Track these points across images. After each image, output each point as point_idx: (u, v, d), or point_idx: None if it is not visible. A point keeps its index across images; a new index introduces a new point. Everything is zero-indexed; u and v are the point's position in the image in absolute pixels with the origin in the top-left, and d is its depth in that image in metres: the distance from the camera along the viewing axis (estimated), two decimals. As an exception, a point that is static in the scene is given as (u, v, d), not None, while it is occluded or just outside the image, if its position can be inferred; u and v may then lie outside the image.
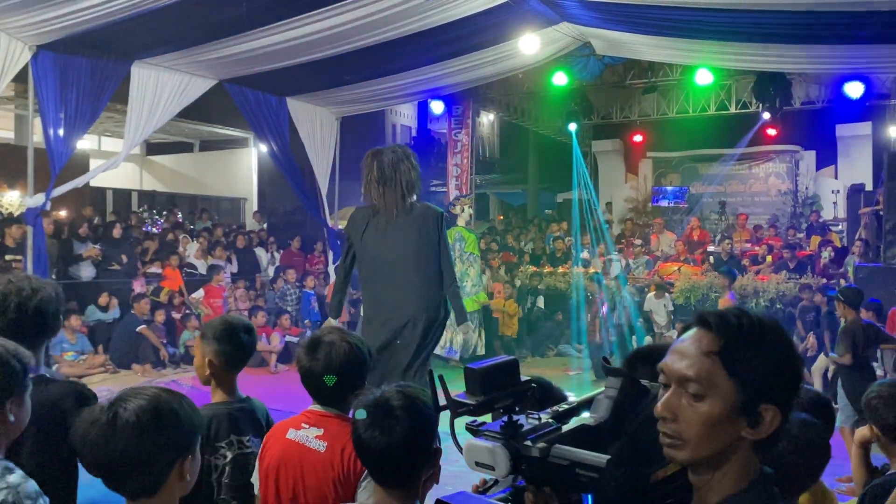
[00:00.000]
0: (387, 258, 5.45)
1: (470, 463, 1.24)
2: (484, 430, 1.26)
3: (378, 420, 1.78)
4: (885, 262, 8.42)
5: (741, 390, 1.18)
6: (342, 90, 10.84)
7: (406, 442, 1.76)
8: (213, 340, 2.59)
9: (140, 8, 6.99)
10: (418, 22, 8.27)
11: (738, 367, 1.18)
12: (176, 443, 1.59)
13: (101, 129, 15.34)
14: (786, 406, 1.21)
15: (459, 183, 14.49)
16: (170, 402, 1.61)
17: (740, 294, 10.38)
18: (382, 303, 5.47)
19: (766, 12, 7.50)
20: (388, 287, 5.45)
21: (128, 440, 1.52)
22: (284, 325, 10.83)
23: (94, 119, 8.43)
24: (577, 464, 1.17)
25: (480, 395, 1.26)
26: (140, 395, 1.59)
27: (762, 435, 1.20)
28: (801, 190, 16.65)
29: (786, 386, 1.21)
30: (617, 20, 8.81)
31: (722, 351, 1.19)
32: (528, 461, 1.21)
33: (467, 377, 1.28)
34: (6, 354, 1.86)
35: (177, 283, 11.01)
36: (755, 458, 1.23)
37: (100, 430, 1.53)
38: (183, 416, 1.62)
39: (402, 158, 5.51)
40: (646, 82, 13.83)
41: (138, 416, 1.54)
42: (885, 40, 8.12)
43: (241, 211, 16.77)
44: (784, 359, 1.21)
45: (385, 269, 5.44)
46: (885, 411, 2.58)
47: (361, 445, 1.82)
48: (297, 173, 11.21)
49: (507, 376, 1.31)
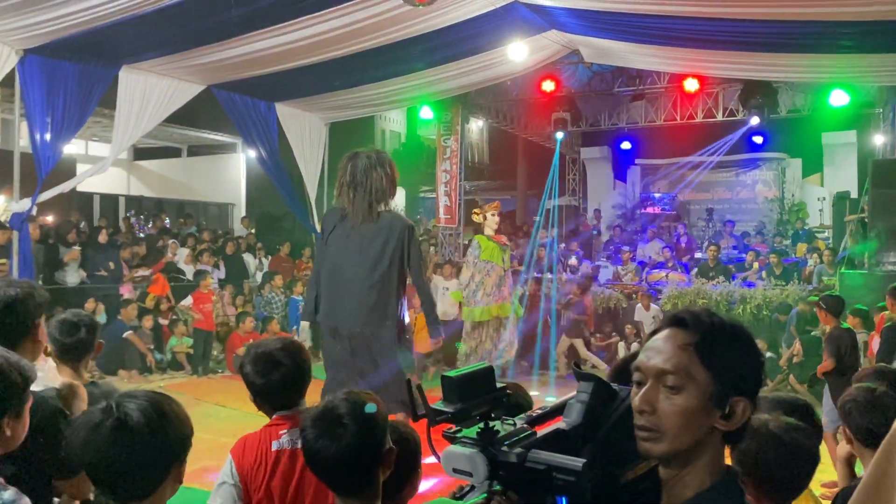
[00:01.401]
0: (346, 265, 5.41)
1: (448, 469, 1.25)
2: (461, 437, 1.27)
3: (326, 429, 1.80)
4: (870, 269, 8.49)
5: (716, 381, 1.24)
6: (331, 96, 10.84)
7: (356, 447, 1.78)
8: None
9: (128, 13, 6.97)
10: (407, 28, 8.29)
11: (713, 360, 1.24)
12: (179, 444, 1.59)
13: (89, 134, 15.26)
14: (754, 399, 1.27)
15: (448, 189, 14.51)
16: (165, 405, 1.60)
17: (727, 301, 10.45)
18: (337, 312, 5.42)
19: (752, 22, 7.56)
20: (344, 296, 5.38)
21: (137, 443, 1.50)
22: (273, 331, 10.78)
23: (81, 124, 8.39)
24: (554, 467, 1.19)
25: (458, 403, 1.27)
26: (137, 398, 1.58)
27: (734, 426, 1.25)
28: (788, 197, 16.78)
29: (754, 380, 1.29)
30: (605, 28, 8.87)
31: (697, 344, 1.25)
32: (505, 466, 1.22)
33: (444, 385, 1.29)
34: (6, 366, 1.80)
35: (164, 289, 10.96)
36: (723, 454, 1.29)
37: (105, 434, 1.51)
38: (182, 417, 1.63)
39: (374, 165, 5.45)
40: (633, 90, 13.90)
41: (147, 418, 1.53)
42: (868, 50, 8.22)
43: (229, 216, 16.71)
44: (751, 354, 1.29)
45: (342, 277, 5.39)
46: (858, 416, 2.60)
47: (313, 457, 1.83)
48: (285, 179, 11.19)
49: (483, 384, 1.32)
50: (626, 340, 11.00)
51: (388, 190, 5.45)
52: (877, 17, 6.98)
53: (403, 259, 5.35)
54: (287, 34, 8.06)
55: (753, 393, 1.27)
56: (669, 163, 17.89)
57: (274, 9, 7.46)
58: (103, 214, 14.83)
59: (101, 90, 8.37)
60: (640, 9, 7.73)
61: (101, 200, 15.44)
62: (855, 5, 6.78)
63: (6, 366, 1.80)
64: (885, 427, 2.59)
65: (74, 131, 8.36)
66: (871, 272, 8.43)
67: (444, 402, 1.28)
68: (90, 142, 16.28)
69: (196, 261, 11.99)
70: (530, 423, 1.33)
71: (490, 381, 1.34)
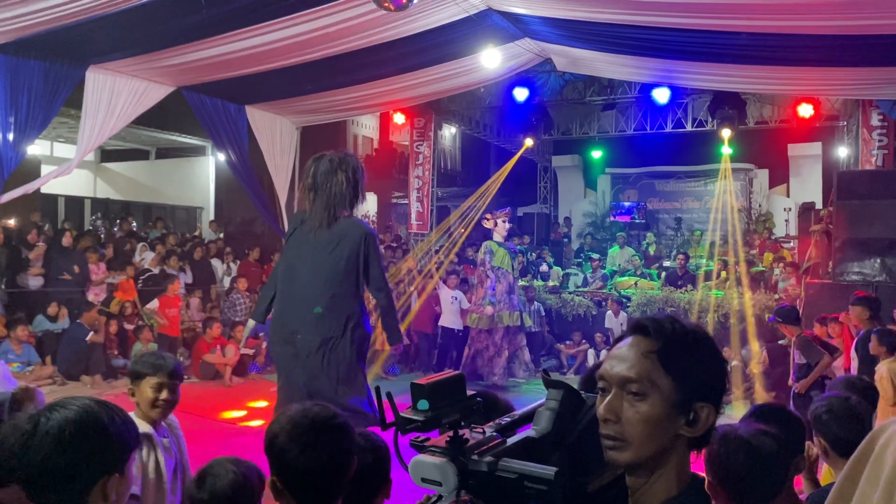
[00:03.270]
0: (299, 270, 5.32)
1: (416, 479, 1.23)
2: (430, 446, 1.25)
3: (304, 441, 1.76)
4: (834, 279, 8.63)
5: (679, 388, 1.23)
6: (303, 100, 10.77)
7: (332, 458, 1.75)
8: None
9: (96, 12, 6.86)
10: (381, 34, 8.27)
11: (675, 366, 1.24)
12: (100, 459, 1.51)
13: (54, 135, 14.99)
14: (718, 404, 1.27)
15: (420, 195, 14.49)
16: (99, 415, 1.52)
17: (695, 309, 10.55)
18: (288, 317, 5.32)
19: (722, 33, 7.67)
20: (296, 302, 5.29)
21: (46, 452, 1.45)
22: (238, 336, 10.63)
23: (45, 124, 8.23)
24: (525, 476, 1.17)
25: (427, 410, 1.25)
26: (70, 406, 1.51)
27: (699, 432, 1.25)
28: (755, 207, 17.01)
29: (718, 385, 1.29)
30: (577, 37, 8.93)
31: (660, 351, 1.24)
32: (475, 475, 1.20)
33: (413, 393, 1.27)
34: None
35: (131, 294, 10.76)
36: (688, 460, 1.28)
37: (18, 438, 1.47)
38: (113, 432, 1.53)
39: (335, 169, 5.34)
40: (605, 99, 14.03)
41: (60, 428, 1.47)
42: (833, 64, 8.38)
43: (198, 220, 16.50)
44: (714, 360, 1.29)
45: (296, 282, 5.30)
46: (835, 425, 2.60)
47: (288, 469, 1.78)
48: (255, 183, 11.08)
49: (453, 391, 1.30)
50: (595, 348, 11.05)
51: (349, 195, 5.32)
52: (842, 31, 7.12)
53: (359, 267, 5.23)
54: (259, 36, 7.99)
55: (717, 398, 1.27)
56: (639, 172, 18.06)
57: (246, 11, 7.39)
58: (68, 217, 14.56)
59: (67, 90, 8.22)
60: (612, 18, 7.80)
61: (66, 203, 15.16)
62: (821, 20, 6.91)
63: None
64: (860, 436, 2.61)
65: (38, 131, 8.20)
66: (834, 281, 8.57)
67: (414, 410, 1.25)
68: (55, 142, 15.98)
69: (162, 264, 11.80)
70: (500, 432, 1.31)
71: (460, 389, 1.31)
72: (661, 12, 7.32)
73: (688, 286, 11.42)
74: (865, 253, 8.14)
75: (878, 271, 8.01)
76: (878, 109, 10.67)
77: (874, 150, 10.97)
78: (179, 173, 16.96)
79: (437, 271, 11.49)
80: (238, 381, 10.23)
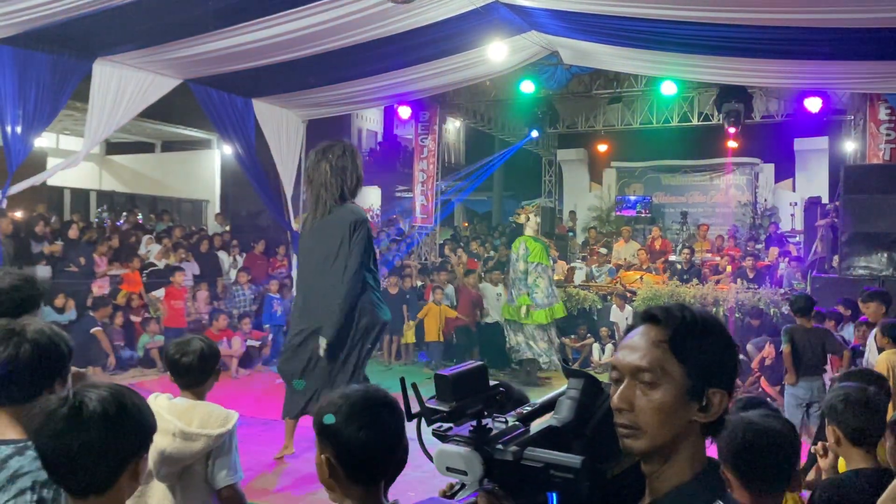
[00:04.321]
0: (305, 263, 5.41)
1: (441, 468, 1.24)
2: (453, 436, 1.26)
3: (369, 419, 1.72)
4: (840, 273, 8.61)
5: (690, 375, 1.25)
6: (309, 93, 10.76)
7: (395, 435, 1.73)
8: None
9: (104, 4, 6.86)
10: (387, 26, 8.26)
11: (687, 354, 1.25)
12: (137, 439, 1.56)
13: (61, 128, 15.00)
14: (730, 390, 1.28)
15: (425, 189, 14.49)
16: (132, 396, 1.59)
17: (700, 303, 10.54)
18: (299, 311, 5.44)
19: (729, 26, 7.64)
20: (303, 295, 5.39)
21: (91, 431, 1.48)
22: (245, 329, 10.68)
23: (53, 116, 8.25)
24: (552, 465, 1.19)
25: (452, 401, 1.26)
26: (101, 388, 1.57)
27: (712, 418, 1.26)
28: (760, 202, 16.98)
29: (729, 371, 1.30)
30: (584, 30, 8.91)
31: (670, 339, 1.26)
32: (501, 465, 1.21)
33: (438, 384, 1.28)
34: (55, 335, 1.98)
35: (137, 286, 10.80)
36: (703, 446, 1.30)
37: (60, 420, 1.49)
38: (145, 412, 1.60)
39: (321, 158, 5.39)
40: (611, 93, 13.99)
41: (105, 407, 1.51)
42: (841, 57, 8.34)
43: (203, 213, 16.53)
44: (726, 346, 1.30)
45: (302, 275, 5.40)
46: (851, 416, 2.60)
47: (343, 447, 1.72)
48: (261, 176, 11.09)
49: (476, 382, 1.31)
50: (600, 342, 11.06)
51: (338, 182, 5.30)
52: (851, 24, 7.10)
53: (349, 250, 5.22)
54: (265, 29, 7.98)
55: (729, 383, 1.28)
56: (645, 166, 18.03)
57: (252, 4, 7.40)
58: (74, 209, 14.59)
59: (74, 82, 8.23)
60: (619, 11, 7.78)
61: (72, 195, 15.19)
62: (829, 12, 6.88)
63: (52, 335, 1.99)
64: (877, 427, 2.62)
65: (46, 124, 8.22)
66: (841, 276, 8.56)
67: (438, 401, 1.26)
68: (62, 135, 16.01)
69: (168, 256, 11.83)
70: (522, 421, 1.32)
71: (484, 380, 1.32)
72: (668, 5, 7.30)
73: (693, 280, 11.42)
74: (872, 247, 8.12)
75: (885, 266, 8.00)
76: (887, 103, 10.63)
77: (882, 145, 10.93)
78: (185, 166, 16.98)
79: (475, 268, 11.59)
80: (244, 373, 10.28)
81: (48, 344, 1.94)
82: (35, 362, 1.90)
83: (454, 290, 11.57)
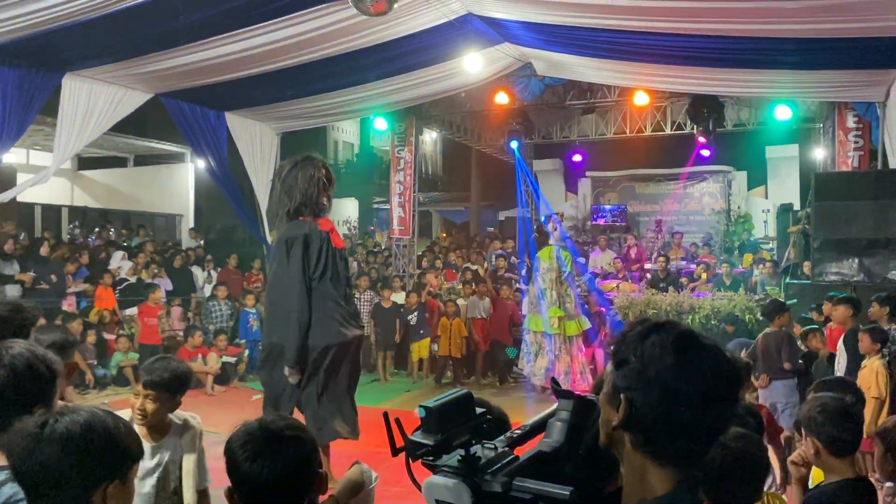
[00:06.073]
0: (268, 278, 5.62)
1: (430, 500, 1.21)
2: (442, 466, 1.23)
3: (262, 448, 1.70)
4: (813, 279, 8.71)
5: (614, 379, 1.23)
6: (283, 105, 10.72)
7: (295, 467, 1.70)
8: None
9: (72, 19, 6.78)
10: (361, 38, 8.25)
11: (616, 360, 1.24)
12: (103, 465, 1.54)
13: (31, 143, 14.79)
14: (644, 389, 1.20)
15: (402, 200, 14.46)
16: (106, 422, 1.57)
17: (676, 311, 10.61)
18: (262, 324, 5.62)
19: (699, 37, 7.73)
20: (265, 308, 5.54)
21: (50, 453, 1.48)
22: (220, 345, 10.55)
23: (21, 132, 8.12)
24: (541, 496, 1.16)
25: (438, 433, 1.23)
26: (78, 412, 1.57)
27: (620, 419, 1.19)
28: (734, 209, 17.15)
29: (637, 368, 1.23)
30: (557, 42, 8.97)
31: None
32: (490, 496, 1.19)
33: (422, 416, 1.25)
34: (35, 360, 1.92)
35: (110, 303, 10.64)
36: (644, 458, 1.20)
37: (25, 439, 1.50)
38: (118, 439, 1.57)
39: (275, 177, 5.48)
40: (585, 103, 14.08)
41: (67, 430, 1.51)
42: (810, 66, 8.47)
43: (177, 227, 16.36)
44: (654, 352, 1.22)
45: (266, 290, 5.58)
46: (830, 426, 2.57)
47: (245, 479, 1.71)
48: (235, 189, 11.01)
49: (462, 411, 1.28)
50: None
51: (285, 200, 5.25)
52: (817, 34, 7.21)
53: (285, 269, 5.18)
54: (238, 42, 7.94)
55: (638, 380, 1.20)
56: (620, 175, 18.16)
57: (224, 17, 7.35)
58: (45, 226, 14.37)
59: (43, 97, 8.12)
60: (590, 23, 7.84)
61: (43, 211, 14.96)
62: (797, 23, 6.98)
63: (33, 358, 1.91)
64: (854, 436, 2.62)
65: (14, 140, 8.09)
66: (813, 282, 8.65)
67: (423, 434, 1.23)
68: (32, 150, 15.77)
69: (141, 272, 11.68)
70: (511, 446, 1.29)
71: (470, 408, 1.29)
72: (638, 17, 7.36)
73: (669, 288, 11.48)
74: (843, 253, 8.21)
75: (856, 271, 8.09)
76: (854, 111, 10.80)
77: (850, 152, 11.10)
78: (158, 180, 16.79)
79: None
80: (220, 390, 10.15)
81: (25, 369, 1.88)
82: (9, 388, 1.86)
83: (489, 302, 11.35)
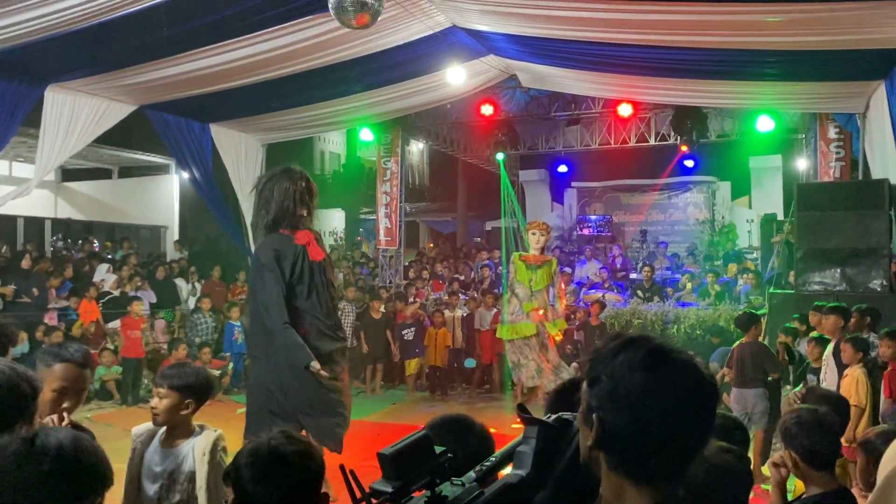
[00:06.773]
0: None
1: None
2: None
3: (267, 471, 1.70)
4: (796, 289, 8.76)
5: (588, 399, 1.20)
6: (268, 117, 10.70)
7: (293, 492, 1.70)
8: None
9: (55, 31, 6.74)
10: (346, 50, 8.26)
11: (589, 378, 1.21)
12: (93, 481, 1.52)
13: (13, 155, 14.67)
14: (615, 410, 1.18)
15: (389, 211, 14.46)
16: (88, 440, 1.57)
17: (661, 321, 10.65)
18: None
19: (682, 49, 7.79)
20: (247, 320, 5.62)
21: (40, 469, 1.45)
22: (205, 358, 10.45)
23: (4, 143, 8.05)
24: None
25: (396, 479, 1.21)
26: (60, 433, 1.54)
27: (593, 440, 1.17)
28: (718, 219, 17.28)
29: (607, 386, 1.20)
30: (541, 54, 9.01)
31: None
32: None
33: (381, 463, 1.23)
34: (17, 377, 1.88)
35: (94, 316, 10.54)
36: (620, 479, 1.18)
37: (11, 455, 1.45)
38: (103, 457, 1.56)
39: (254, 188, 5.47)
40: (570, 114, 14.16)
41: (60, 445, 1.49)
42: (792, 78, 8.56)
43: (162, 239, 16.26)
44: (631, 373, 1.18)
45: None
46: (805, 438, 2.58)
47: (251, 499, 1.72)
48: (220, 201, 10.95)
49: (420, 454, 1.25)
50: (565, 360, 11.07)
51: (262, 215, 5.26)
52: (799, 47, 7.28)
53: (258, 284, 5.25)
54: (222, 54, 7.92)
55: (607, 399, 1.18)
56: (605, 185, 18.26)
57: (209, 28, 7.32)
58: (28, 238, 14.24)
59: (25, 109, 8.06)
60: (574, 36, 7.88)
61: (26, 224, 14.82)
62: (778, 36, 7.06)
63: (14, 376, 1.85)
64: (831, 448, 2.62)
65: (-4, 152, 8.03)
66: (797, 291, 8.71)
67: (383, 481, 1.21)
68: (15, 162, 15.65)
69: (124, 285, 11.58)
70: (480, 480, 1.27)
71: (429, 450, 1.27)
72: (620, 30, 7.42)
73: (654, 298, 11.53)
74: (826, 263, 8.27)
75: (839, 281, 8.15)
76: (835, 122, 10.92)
77: (832, 162, 11.21)
78: (143, 192, 16.69)
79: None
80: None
81: (8, 387, 1.85)
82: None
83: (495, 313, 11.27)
